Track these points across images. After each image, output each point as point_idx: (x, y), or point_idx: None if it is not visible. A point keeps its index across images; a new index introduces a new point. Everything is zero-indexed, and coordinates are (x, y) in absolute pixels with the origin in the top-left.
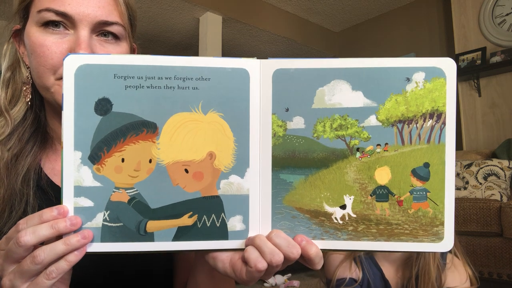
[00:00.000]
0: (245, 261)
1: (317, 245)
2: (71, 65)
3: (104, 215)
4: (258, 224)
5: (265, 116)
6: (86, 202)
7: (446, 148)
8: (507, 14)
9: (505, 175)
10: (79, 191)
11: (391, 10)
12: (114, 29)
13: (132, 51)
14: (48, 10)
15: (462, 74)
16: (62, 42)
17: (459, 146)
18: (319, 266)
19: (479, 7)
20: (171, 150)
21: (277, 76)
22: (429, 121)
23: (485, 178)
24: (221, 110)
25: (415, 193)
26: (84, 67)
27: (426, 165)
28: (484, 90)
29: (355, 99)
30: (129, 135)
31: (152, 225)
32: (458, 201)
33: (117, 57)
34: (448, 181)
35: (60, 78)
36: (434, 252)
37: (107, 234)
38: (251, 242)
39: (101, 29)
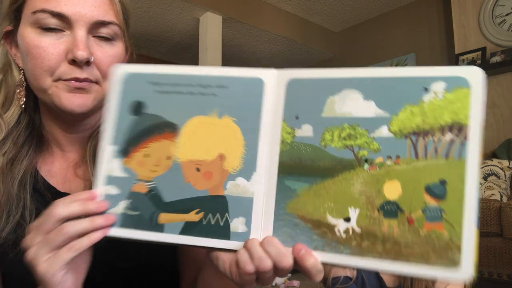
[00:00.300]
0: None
1: (317, 257)
2: (118, 73)
3: (126, 203)
4: (260, 228)
5: (276, 123)
6: (113, 190)
7: (467, 165)
8: (507, 14)
9: (505, 175)
10: (109, 180)
11: (391, 10)
12: (110, 28)
13: (126, 50)
14: (44, 11)
15: None
16: (58, 43)
17: None
18: (317, 278)
19: (479, 7)
20: (186, 150)
21: (291, 85)
22: (448, 134)
23: (485, 178)
24: (234, 115)
25: (428, 212)
26: (127, 75)
27: (443, 182)
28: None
29: (366, 108)
30: (154, 134)
31: (163, 217)
32: None
33: (153, 67)
34: (469, 201)
35: (58, 80)
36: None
37: (126, 221)
38: (245, 244)
39: (97, 29)
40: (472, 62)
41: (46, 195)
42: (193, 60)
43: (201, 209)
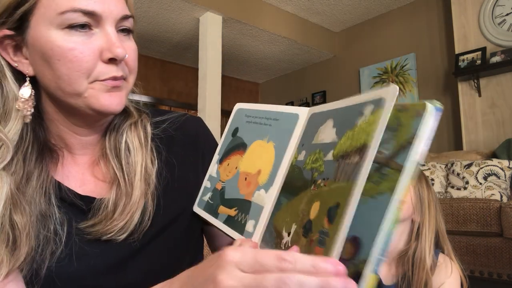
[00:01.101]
0: None
1: None
2: (236, 108)
3: (210, 194)
4: (259, 232)
5: (294, 149)
6: (208, 184)
7: (353, 187)
8: (507, 14)
9: (505, 175)
10: (209, 177)
11: (391, 10)
12: (129, 22)
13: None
14: (74, 10)
15: (462, 74)
16: (89, 43)
17: (459, 146)
18: None
19: (479, 7)
20: (244, 163)
21: (311, 118)
22: (356, 156)
23: (485, 178)
24: (275, 141)
25: (320, 235)
26: (238, 110)
27: (337, 205)
28: (484, 90)
29: (330, 135)
30: (235, 150)
31: (220, 208)
32: (458, 201)
33: (251, 104)
34: (343, 229)
35: (94, 81)
36: (430, 245)
37: (206, 206)
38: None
39: (120, 24)
40: (472, 62)
41: (76, 202)
42: (193, 60)
43: (237, 208)
